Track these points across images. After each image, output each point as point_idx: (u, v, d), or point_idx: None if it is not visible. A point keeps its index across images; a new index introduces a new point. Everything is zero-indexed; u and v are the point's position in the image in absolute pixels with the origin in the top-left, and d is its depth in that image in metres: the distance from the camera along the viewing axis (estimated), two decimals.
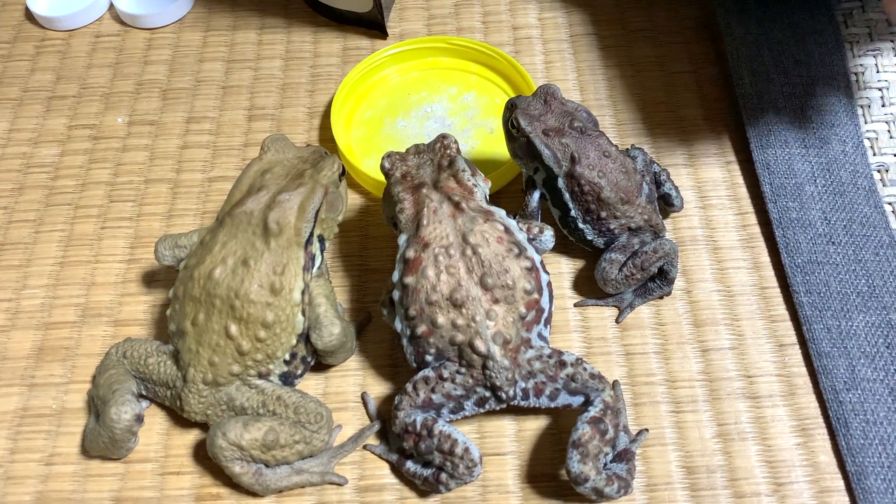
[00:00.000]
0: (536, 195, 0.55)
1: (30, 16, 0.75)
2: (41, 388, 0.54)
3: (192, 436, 0.52)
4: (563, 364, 0.47)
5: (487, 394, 0.47)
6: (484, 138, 0.63)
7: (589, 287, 0.56)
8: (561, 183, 0.53)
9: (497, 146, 0.63)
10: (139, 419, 0.50)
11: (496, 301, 0.47)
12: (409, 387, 0.48)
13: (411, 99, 0.66)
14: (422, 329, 0.47)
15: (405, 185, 0.50)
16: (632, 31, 0.70)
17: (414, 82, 0.67)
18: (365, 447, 0.51)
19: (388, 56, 0.67)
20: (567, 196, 0.53)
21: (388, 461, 0.50)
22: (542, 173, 0.54)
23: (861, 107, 0.63)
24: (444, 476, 0.47)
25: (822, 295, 0.54)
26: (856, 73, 0.65)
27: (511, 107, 0.54)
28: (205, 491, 0.50)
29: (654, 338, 0.54)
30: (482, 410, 0.48)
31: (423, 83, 0.67)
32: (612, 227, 0.54)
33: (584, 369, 0.47)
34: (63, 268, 0.60)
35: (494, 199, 0.60)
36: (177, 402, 0.50)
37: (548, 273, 0.50)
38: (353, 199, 0.61)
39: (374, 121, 0.65)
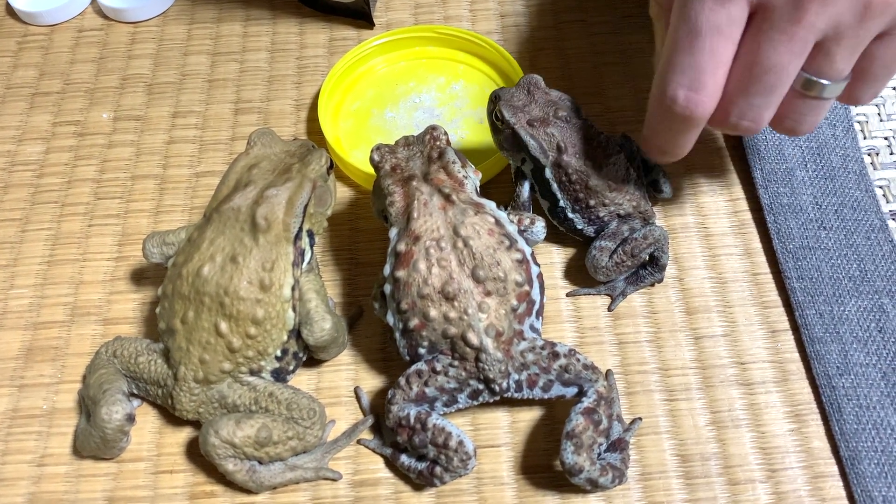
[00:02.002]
0: (526, 186, 0.55)
1: (11, 11, 0.74)
2: (31, 389, 0.54)
3: (185, 434, 0.51)
4: (555, 355, 0.47)
5: (481, 386, 0.47)
6: (473, 128, 0.63)
7: (581, 276, 0.56)
8: (548, 173, 0.53)
9: (487, 136, 0.62)
10: (130, 418, 0.50)
11: (488, 293, 0.47)
12: (401, 381, 0.48)
13: (399, 89, 0.66)
14: (414, 323, 0.47)
15: (395, 178, 0.50)
16: (621, 17, 0.69)
17: (401, 72, 0.67)
18: (359, 442, 0.51)
19: (374, 46, 0.66)
20: (555, 186, 0.53)
21: (382, 455, 0.50)
22: (530, 164, 0.54)
23: None
24: (438, 469, 0.47)
25: (814, 280, 0.54)
26: None
27: (495, 99, 0.54)
28: (198, 489, 0.49)
29: (646, 326, 0.54)
30: (476, 403, 0.48)
31: (410, 73, 0.67)
32: (601, 214, 0.53)
33: (578, 360, 0.47)
34: (50, 267, 0.59)
35: (485, 188, 0.59)
36: (168, 401, 0.49)
37: (538, 265, 0.49)
38: (342, 193, 0.61)
39: (361, 112, 0.65)
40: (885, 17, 0.42)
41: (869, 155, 0.60)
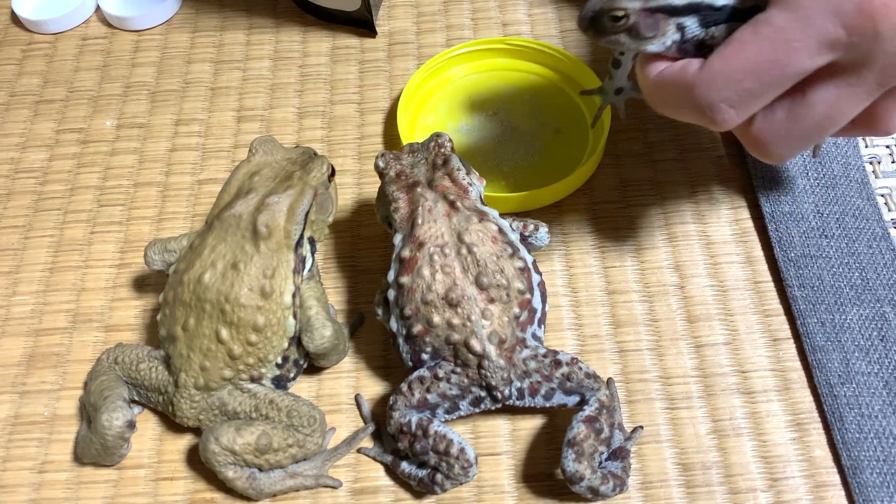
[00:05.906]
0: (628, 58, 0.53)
1: (15, 19, 0.75)
2: (32, 396, 0.54)
3: (185, 441, 0.51)
4: (558, 363, 0.47)
5: (483, 393, 0.47)
6: (549, 138, 0.62)
7: (583, 285, 0.56)
8: None
9: (564, 146, 0.61)
10: (131, 425, 0.50)
11: (491, 301, 0.47)
12: (403, 387, 0.48)
13: (473, 102, 0.65)
14: (417, 328, 0.47)
15: (399, 185, 0.50)
16: None
17: (473, 85, 0.66)
18: (359, 450, 0.50)
19: (447, 59, 0.66)
20: None
21: (382, 463, 0.50)
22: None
23: None
24: (439, 477, 0.47)
25: (815, 289, 0.54)
26: None
27: None
28: (198, 496, 0.49)
29: (647, 334, 0.54)
30: (477, 410, 0.48)
31: (482, 85, 0.66)
32: None
33: (580, 369, 0.47)
34: (53, 273, 0.59)
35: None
36: (169, 408, 0.49)
37: (540, 273, 0.49)
38: (344, 200, 0.61)
39: (436, 127, 0.64)
40: None
41: (870, 163, 0.60)
